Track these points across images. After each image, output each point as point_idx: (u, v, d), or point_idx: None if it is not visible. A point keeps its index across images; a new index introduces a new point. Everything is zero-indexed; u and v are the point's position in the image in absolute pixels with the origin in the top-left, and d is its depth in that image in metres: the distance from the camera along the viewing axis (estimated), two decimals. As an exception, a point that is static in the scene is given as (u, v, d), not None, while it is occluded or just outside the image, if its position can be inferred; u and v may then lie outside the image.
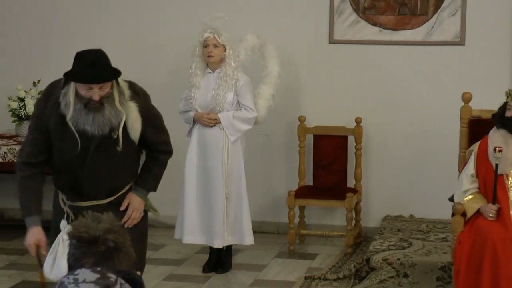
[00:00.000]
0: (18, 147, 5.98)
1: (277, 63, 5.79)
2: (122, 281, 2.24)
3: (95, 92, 3.48)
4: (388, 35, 6.29)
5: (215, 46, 5.43)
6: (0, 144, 6.08)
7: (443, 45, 6.23)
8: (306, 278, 5.47)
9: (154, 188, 3.86)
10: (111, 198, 3.73)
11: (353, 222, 6.15)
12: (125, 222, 3.70)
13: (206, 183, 5.50)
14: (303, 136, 6.33)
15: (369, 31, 6.31)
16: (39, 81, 6.35)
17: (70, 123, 3.52)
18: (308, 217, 6.44)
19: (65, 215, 3.71)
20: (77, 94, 3.50)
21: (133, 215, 3.76)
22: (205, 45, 5.45)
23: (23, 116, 6.26)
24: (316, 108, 6.43)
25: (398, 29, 6.28)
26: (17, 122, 6.31)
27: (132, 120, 3.60)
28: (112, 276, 2.22)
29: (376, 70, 6.35)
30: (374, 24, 6.30)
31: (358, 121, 6.26)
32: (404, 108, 6.35)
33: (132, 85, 3.69)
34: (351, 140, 6.32)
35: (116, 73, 3.55)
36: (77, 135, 3.54)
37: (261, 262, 5.87)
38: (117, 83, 3.58)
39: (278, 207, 6.47)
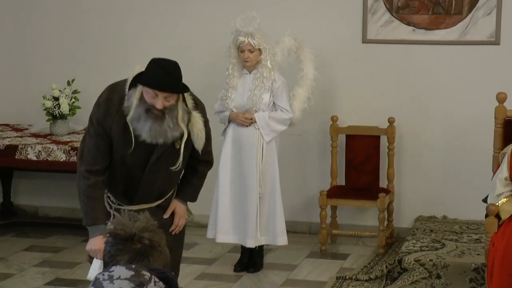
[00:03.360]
0: (52, 146, 6.05)
1: (313, 66, 5.79)
2: (156, 279, 2.25)
3: (159, 100, 3.46)
4: (421, 35, 6.25)
5: (251, 51, 5.44)
6: (35, 143, 6.14)
7: (477, 44, 6.18)
8: (337, 278, 5.46)
9: (194, 199, 3.94)
10: (159, 202, 3.78)
11: (385, 222, 6.13)
12: (164, 225, 3.73)
13: (240, 182, 5.52)
14: (336, 136, 6.31)
15: (403, 31, 6.27)
16: (73, 80, 6.41)
17: (130, 127, 3.50)
18: (340, 217, 6.42)
19: (112, 218, 3.69)
20: (141, 98, 3.49)
21: (180, 222, 3.88)
22: (240, 50, 5.47)
23: (57, 115, 6.32)
24: (348, 108, 6.41)
25: (432, 28, 6.24)
26: (51, 121, 6.37)
27: (198, 131, 3.63)
28: (147, 274, 2.24)
29: (410, 70, 6.32)
30: (408, 23, 6.27)
31: (391, 121, 6.23)
32: (438, 108, 6.31)
33: (192, 94, 3.71)
34: (383, 140, 6.30)
35: (185, 88, 3.56)
36: (134, 141, 3.52)
37: (293, 262, 5.86)
38: (183, 98, 3.59)
39: (310, 207, 6.46)
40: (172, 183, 3.81)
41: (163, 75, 3.49)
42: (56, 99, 6.32)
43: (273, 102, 5.54)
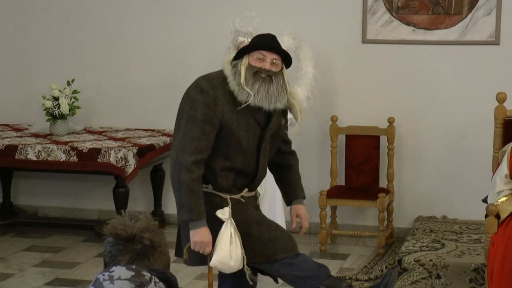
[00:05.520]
0: (52, 146, 6.04)
1: (312, 65, 5.78)
2: (157, 280, 2.25)
3: (267, 62, 3.59)
4: (421, 35, 6.25)
5: None
6: (35, 143, 6.13)
7: (477, 44, 6.18)
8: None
9: (304, 195, 4.04)
10: (253, 192, 3.79)
11: (385, 222, 6.13)
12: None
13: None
14: (335, 136, 6.31)
15: (403, 31, 6.28)
16: (73, 80, 6.41)
17: (242, 95, 3.54)
18: (339, 217, 6.42)
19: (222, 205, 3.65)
20: (248, 65, 3.59)
21: (307, 224, 4.01)
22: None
23: (57, 115, 6.31)
24: (348, 108, 6.41)
25: (432, 28, 6.24)
26: (51, 121, 6.37)
27: (299, 104, 3.75)
28: (147, 274, 2.23)
29: (409, 70, 6.32)
30: (408, 23, 6.27)
31: (390, 121, 6.23)
32: (437, 108, 6.31)
33: None
34: (383, 140, 6.30)
35: (290, 57, 3.70)
36: (253, 119, 3.60)
37: (293, 262, 5.86)
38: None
39: (310, 207, 6.41)
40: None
41: (268, 38, 3.68)
42: (56, 99, 6.32)
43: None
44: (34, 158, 6.03)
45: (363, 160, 6.29)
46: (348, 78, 6.41)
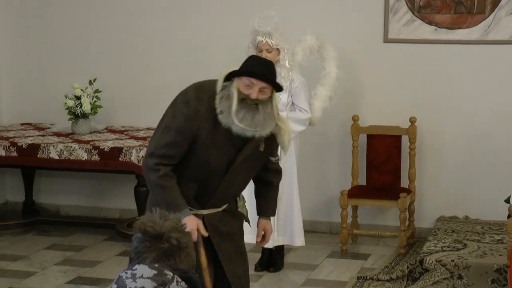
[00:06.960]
0: (74, 145, 6.07)
1: (335, 65, 5.76)
2: (179, 279, 2.26)
3: (255, 91, 3.43)
4: (443, 34, 6.22)
5: (268, 51, 5.43)
6: (57, 142, 6.17)
7: (500, 44, 6.14)
8: (358, 278, 5.45)
9: (275, 213, 3.90)
10: (225, 206, 3.70)
11: (407, 222, 6.10)
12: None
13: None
14: (357, 136, 6.29)
15: (425, 30, 6.25)
16: (95, 79, 6.44)
17: (226, 120, 3.42)
18: (361, 217, 6.41)
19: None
20: (237, 90, 3.44)
21: (269, 239, 3.88)
22: (259, 50, 5.46)
23: (79, 114, 6.34)
24: (370, 107, 6.39)
25: (454, 28, 6.20)
26: (73, 120, 6.40)
27: (286, 133, 3.58)
28: (169, 274, 2.24)
29: (431, 69, 6.29)
30: (430, 23, 6.24)
31: (412, 120, 6.20)
32: (459, 108, 6.27)
33: None
34: (405, 139, 6.27)
35: (280, 86, 3.52)
36: (231, 142, 3.48)
37: (313, 262, 5.86)
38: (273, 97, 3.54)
39: (331, 206, 6.45)
40: (244, 188, 3.75)
41: (259, 65, 3.49)
42: (78, 98, 6.35)
43: (292, 102, 5.52)
44: (56, 157, 6.06)
45: (385, 160, 6.27)
46: (369, 77, 6.39)
